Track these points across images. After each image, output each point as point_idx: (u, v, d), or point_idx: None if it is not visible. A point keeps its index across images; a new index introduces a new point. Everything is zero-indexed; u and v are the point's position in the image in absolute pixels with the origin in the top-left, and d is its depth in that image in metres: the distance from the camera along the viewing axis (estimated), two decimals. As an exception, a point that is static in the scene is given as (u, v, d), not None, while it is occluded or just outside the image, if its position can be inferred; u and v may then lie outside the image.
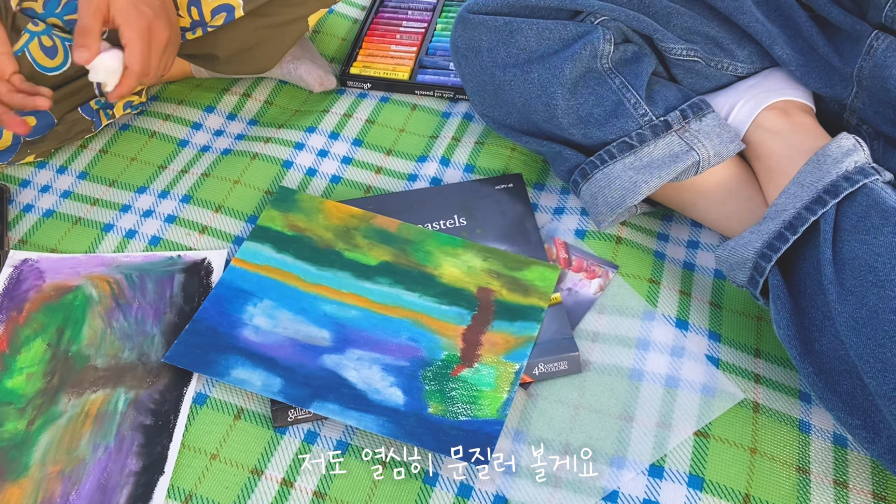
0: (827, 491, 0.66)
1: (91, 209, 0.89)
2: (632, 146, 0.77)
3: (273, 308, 0.77)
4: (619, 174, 0.78)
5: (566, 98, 0.79)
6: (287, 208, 0.87)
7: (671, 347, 0.75)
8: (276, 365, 0.72)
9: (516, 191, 0.88)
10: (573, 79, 0.78)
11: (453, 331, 0.75)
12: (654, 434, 0.69)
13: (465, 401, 0.70)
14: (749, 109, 0.79)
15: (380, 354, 0.73)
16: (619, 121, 0.78)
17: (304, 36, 1.03)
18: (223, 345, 0.74)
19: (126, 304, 0.78)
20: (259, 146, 0.95)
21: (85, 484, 0.66)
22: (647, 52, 0.82)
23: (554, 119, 0.80)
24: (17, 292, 0.79)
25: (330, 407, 0.69)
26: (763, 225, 0.70)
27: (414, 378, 0.71)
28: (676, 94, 0.80)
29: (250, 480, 0.68)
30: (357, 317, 0.77)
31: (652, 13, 0.81)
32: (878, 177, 0.67)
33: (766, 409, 0.71)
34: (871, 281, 0.61)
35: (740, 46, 0.81)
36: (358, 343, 0.75)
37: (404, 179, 0.93)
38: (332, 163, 0.94)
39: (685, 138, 0.76)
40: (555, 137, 0.84)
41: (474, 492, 0.66)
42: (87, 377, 0.73)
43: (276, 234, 0.84)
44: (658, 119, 0.77)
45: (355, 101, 1.01)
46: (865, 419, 0.61)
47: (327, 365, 0.73)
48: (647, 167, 0.76)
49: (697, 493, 0.65)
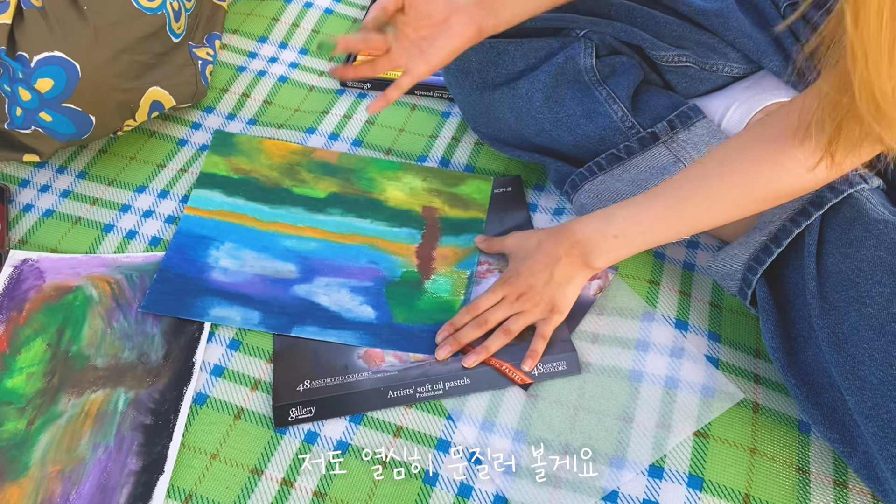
0: (827, 491, 0.66)
1: (91, 209, 0.89)
2: (620, 158, 0.78)
3: (236, 249, 0.82)
4: (608, 186, 0.78)
5: (553, 111, 0.80)
6: (228, 152, 0.92)
7: (671, 348, 0.75)
8: (251, 300, 0.77)
9: (514, 195, 0.88)
10: (557, 90, 0.79)
11: (407, 250, 0.82)
12: (653, 435, 0.69)
13: (431, 307, 0.78)
14: (742, 113, 0.79)
15: (345, 279, 0.80)
16: (606, 132, 0.79)
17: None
18: (195, 288, 0.78)
19: (126, 305, 0.78)
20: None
21: (85, 483, 0.66)
22: (633, 63, 0.82)
23: (543, 132, 0.82)
24: (17, 292, 0.79)
25: (310, 329, 0.75)
26: (751, 236, 0.71)
27: (380, 295, 0.78)
28: (665, 102, 0.80)
29: (250, 480, 0.68)
30: (317, 248, 0.82)
31: (640, 24, 0.81)
32: (865, 184, 0.66)
33: (766, 409, 0.71)
34: (852, 296, 0.61)
35: (733, 48, 0.81)
36: (323, 271, 0.81)
37: (404, 179, 0.93)
38: (332, 163, 0.94)
39: (672, 149, 0.77)
40: (546, 151, 0.85)
41: (474, 492, 0.66)
42: (87, 377, 0.73)
43: (222, 178, 0.89)
44: (645, 130, 0.78)
45: (355, 102, 1.01)
46: (844, 433, 0.62)
47: (299, 294, 0.78)
48: (636, 179, 0.77)
49: (697, 493, 0.66)
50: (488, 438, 0.69)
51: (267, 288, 0.79)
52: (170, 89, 0.91)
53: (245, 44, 1.10)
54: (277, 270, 0.80)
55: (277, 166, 0.90)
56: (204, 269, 0.80)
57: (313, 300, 0.78)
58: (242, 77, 1.06)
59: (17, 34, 0.78)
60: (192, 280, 0.79)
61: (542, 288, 0.73)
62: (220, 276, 0.80)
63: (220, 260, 0.81)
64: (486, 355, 0.72)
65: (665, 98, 0.81)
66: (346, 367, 0.73)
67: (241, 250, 0.82)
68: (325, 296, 0.78)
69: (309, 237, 0.83)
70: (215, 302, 0.77)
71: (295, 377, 0.73)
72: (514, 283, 0.75)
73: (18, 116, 0.80)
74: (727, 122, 0.80)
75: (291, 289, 0.79)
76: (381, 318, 0.76)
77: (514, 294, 0.74)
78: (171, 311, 0.77)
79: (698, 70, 0.81)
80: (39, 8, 0.79)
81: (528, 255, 0.76)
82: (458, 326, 0.75)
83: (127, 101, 0.86)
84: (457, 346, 0.73)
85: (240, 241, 0.83)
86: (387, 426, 0.71)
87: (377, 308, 0.77)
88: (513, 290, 0.75)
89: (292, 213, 0.86)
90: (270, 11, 1.15)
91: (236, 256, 0.81)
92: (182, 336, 0.76)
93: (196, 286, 0.79)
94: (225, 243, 0.82)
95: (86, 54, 0.79)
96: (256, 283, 0.79)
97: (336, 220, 0.85)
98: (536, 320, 0.74)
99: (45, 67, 0.77)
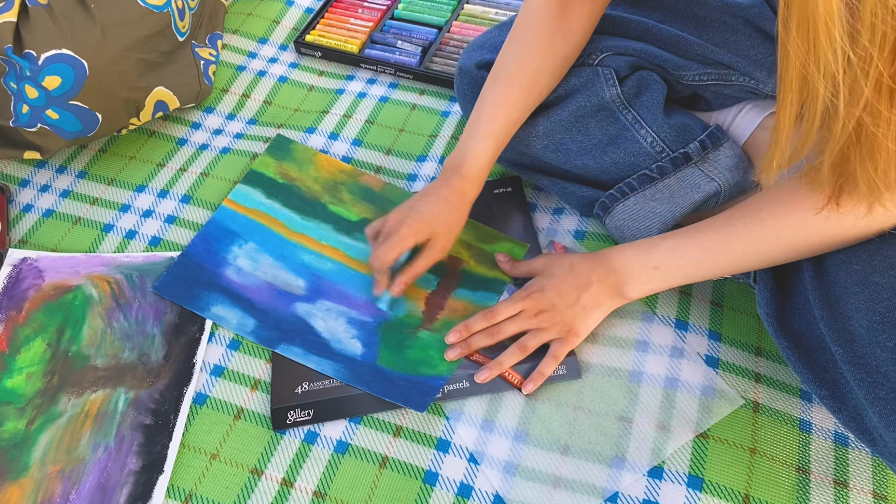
0: (827, 490, 0.66)
1: (90, 209, 0.89)
2: (652, 178, 0.77)
3: (256, 251, 0.82)
4: (642, 206, 0.78)
5: (577, 140, 0.79)
6: (282, 157, 0.92)
7: (670, 349, 0.75)
8: (252, 306, 0.78)
9: (514, 195, 0.88)
10: (582, 119, 0.78)
11: (418, 293, 0.79)
12: (653, 437, 0.69)
13: (419, 358, 0.74)
14: (755, 114, 0.79)
15: (347, 308, 0.78)
16: (636, 158, 0.78)
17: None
18: (206, 281, 0.79)
19: (126, 305, 0.78)
20: (259, 146, 0.95)
21: (85, 483, 0.66)
22: (656, 77, 0.80)
23: (568, 160, 0.81)
24: (16, 291, 0.79)
25: (294, 350, 0.75)
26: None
27: (374, 334, 0.76)
28: (690, 122, 0.79)
29: (250, 480, 0.68)
30: (332, 269, 0.81)
31: (659, 43, 0.80)
32: None
33: (767, 409, 0.71)
34: (841, 258, 0.62)
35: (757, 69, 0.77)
36: (329, 295, 0.79)
37: (404, 179, 0.92)
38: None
39: (704, 169, 0.76)
40: (569, 176, 0.84)
41: (474, 492, 0.66)
42: (87, 377, 0.73)
43: (268, 179, 0.90)
44: (676, 152, 0.77)
45: (355, 102, 1.01)
46: (834, 390, 0.62)
47: (298, 312, 0.78)
48: (671, 197, 0.76)
49: (697, 493, 0.66)
50: (488, 439, 0.69)
51: (271, 298, 0.78)
52: (174, 90, 0.91)
53: (245, 44, 1.10)
54: (287, 283, 0.80)
55: (322, 180, 0.90)
56: (220, 264, 0.81)
57: (309, 321, 0.77)
58: (242, 77, 1.06)
59: (23, 32, 0.78)
60: (207, 272, 0.80)
61: (564, 308, 0.72)
62: (233, 274, 0.80)
63: (238, 258, 0.82)
64: (500, 371, 0.72)
65: (689, 118, 0.80)
66: (346, 368, 0.73)
67: (260, 253, 0.82)
68: (321, 320, 0.77)
69: (327, 256, 0.82)
70: (220, 300, 0.78)
71: (294, 379, 0.73)
72: (538, 298, 0.73)
73: (25, 114, 0.80)
74: (740, 121, 0.80)
75: (293, 305, 0.78)
76: (366, 357, 0.74)
77: (535, 309, 0.73)
78: (178, 298, 0.78)
79: (721, 86, 0.79)
80: (45, 6, 0.79)
81: (558, 275, 0.74)
82: (472, 331, 0.74)
83: (133, 99, 0.86)
84: (467, 351, 0.73)
85: (262, 244, 0.83)
86: (387, 426, 0.71)
87: (366, 346, 0.75)
88: (534, 305, 0.73)
89: (321, 228, 0.85)
90: (271, 13, 1.15)
91: (254, 258, 0.82)
92: (182, 336, 0.76)
93: (208, 279, 0.80)
94: (248, 242, 0.83)
95: (93, 52, 0.79)
96: (263, 291, 0.79)
97: (359, 247, 0.83)
98: (552, 339, 0.73)
99: (53, 65, 0.77)
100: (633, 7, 0.84)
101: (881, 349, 0.56)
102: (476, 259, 0.82)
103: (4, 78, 0.80)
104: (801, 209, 0.61)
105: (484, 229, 0.85)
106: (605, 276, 0.72)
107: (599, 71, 0.78)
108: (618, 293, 0.72)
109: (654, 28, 0.80)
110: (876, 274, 0.58)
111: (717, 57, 0.78)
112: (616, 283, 0.71)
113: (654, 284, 0.70)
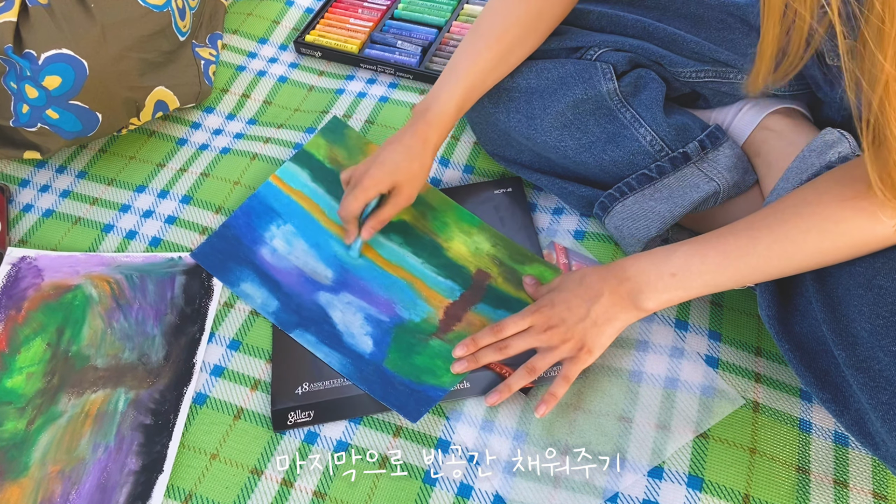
0: (827, 490, 0.66)
1: (90, 209, 0.89)
2: (651, 178, 0.77)
3: (292, 235, 0.83)
4: (641, 205, 0.77)
5: (575, 137, 0.79)
6: (333, 140, 0.93)
7: (670, 349, 0.75)
8: (278, 288, 0.79)
9: (515, 195, 0.88)
10: (579, 117, 0.78)
11: (440, 301, 0.79)
12: (653, 436, 0.69)
13: (425, 365, 0.73)
14: (755, 113, 0.79)
15: (367, 304, 0.78)
16: (635, 157, 0.78)
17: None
18: (242, 257, 0.81)
19: (126, 305, 0.78)
20: (259, 146, 0.95)
21: (85, 483, 0.66)
22: (654, 76, 0.80)
23: (567, 158, 0.80)
24: (15, 290, 0.79)
25: (308, 338, 0.75)
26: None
27: (388, 334, 0.76)
28: (688, 121, 0.79)
29: (250, 480, 0.68)
30: (361, 265, 0.81)
31: (656, 40, 0.80)
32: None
33: (767, 409, 0.71)
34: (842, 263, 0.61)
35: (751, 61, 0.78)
36: (353, 289, 0.80)
37: (404, 179, 0.92)
38: (332, 163, 0.94)
39: (704, 169, 0.76)
40: (569, 174, 0.84)
41: (474, 492, 0.66)
42: (87, 377, 0.73)
43: (317, 162, 0.90)
44: (675, 151, 0.77)
45: (354, 102, 1.01)
46: (836, 394, 0.62)
47: (320, 301, 0.78)
48: (669, 197, 0.76)
49: (697, 493, 0.66)
50: (487, 439, 0.69)
51: (298, 283, 0.80)
52: (174, 90, 0.91)
53: (245, 44, 1.10)
54: (315, 271, 0.81)
55: None
56: (257, 241, 0.83)
57: (328, 311, 0.77)
58: (242, 77, 1.06)
59: (23, 32, 0.78)
60: (244, 247, 0.82)
61: (574, 324, 0.68)
62: (268, 254, 0.82)
63: (274, 238, 0.83)
64: (509, 394, 0.70)
65: (688, 118, 0.80)
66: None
67: (296, 238, 0.83)
68: (340, 312, 0.77)
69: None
70: (251, 277, 0.80)
71: (294, 380, 0.73)
72: (547, 313, 0.70)
73: (25, 114, 0.80)
74: (739, 120, 0.80)
75: (317, 293, 0.79)
76: (374, 356, 0.74)
77: (544, 325, 0.69)
78: (212, 268, 0.81)
79: (718, 83, 0.80)
80: (45, 6, 0.79)
81: (568, 288, 0.70)
82: (479, 345, 0.72)
83: (133, 99, 0.86)
84: (474, 366, 0.71)
85: (300, 227, 0.84)
86: (387, 426, 0.71)
87: (376, 344, 0.75)
88: (543, 320, 0.69)
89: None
90: (271, 13, 1.15)
91: (289, 242, 0.83)
92: (183, 336, 0.76)
93: (244, 255, 0.81)
94: (287, 224, 0.84)
95: (94, 52, 0.79)
96: (292, 275, 0.80)
97: (391, 247, 0.83)
98: (564, 358, 0.69)
99: (53, 65, 0.77)
100: (631, 5, 0.84)
101: (884, 353, 0.56)
102: (504, 277, 0.80)
103: (4, 78, 0.80)
104: (827, 208, 0.59)
105: (519, 249, 0.82)
106: (617, 285, 0.67)
107: (598, 65, 0.78)
108: (632, 304, 0.67)
109: (652, 26, 0.80)
110: (880, 277, 0.58)
111: (714, 55, 0.78)
112: (630, 292, 0.66)
113: (672, 294, 0.65)
